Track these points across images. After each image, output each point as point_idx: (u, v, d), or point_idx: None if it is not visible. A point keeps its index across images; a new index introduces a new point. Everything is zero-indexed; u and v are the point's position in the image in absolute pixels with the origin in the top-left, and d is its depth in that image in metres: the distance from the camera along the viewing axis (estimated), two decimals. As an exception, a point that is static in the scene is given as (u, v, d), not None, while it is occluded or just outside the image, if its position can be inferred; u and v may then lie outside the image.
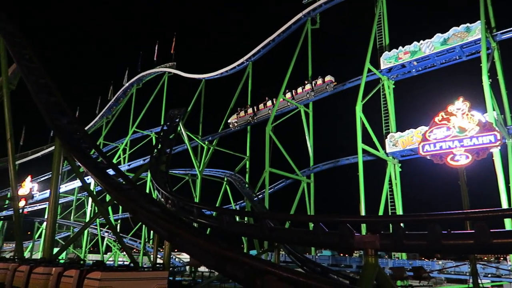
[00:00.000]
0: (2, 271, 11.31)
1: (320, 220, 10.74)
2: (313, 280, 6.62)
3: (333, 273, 16.83)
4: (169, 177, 23.48)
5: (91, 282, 8.19)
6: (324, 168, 31.68)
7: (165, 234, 10.33)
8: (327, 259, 27.71)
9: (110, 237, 44.09)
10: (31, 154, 51.76)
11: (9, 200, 34.37)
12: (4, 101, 20.84)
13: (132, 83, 47.36)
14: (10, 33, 22.12)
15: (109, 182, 13.61)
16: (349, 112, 24.63)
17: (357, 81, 27.54)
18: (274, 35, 33.12)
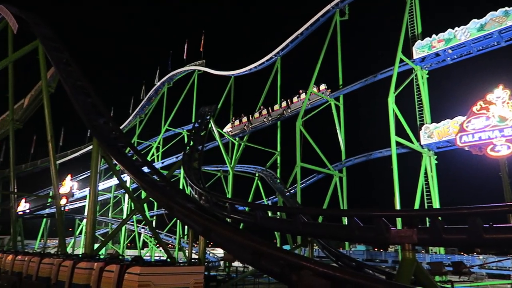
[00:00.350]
0: (48, 266, 11.83)
1: (354, 214, 10.63)
2: (349, 275, 6.56)
3: (368, 268, 16.60)
4: (201, 173, 23.89)
5: (131, 276, 8.42)
6: (357, 161, 31.20)
7: (200, 230, 10.52)
8: (361, 253, 27.38)
9: (146, 233, 45.34)
10: (70, 154, 53.87)
11: (52, 198, 35.93)
12: (44, 104, 21.81)
13: (163, 82, 48.29)
14: (48, 38, 23.08)
15: (145, 180, 13.98)
16: (381, 104, 24.10)
17: (388, 72, 26.88)
18: (302, 28, 32.79)
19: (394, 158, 22.48)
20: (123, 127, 51.28)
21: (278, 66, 35.48)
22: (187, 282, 8.96)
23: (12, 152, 26.03)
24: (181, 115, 45.17)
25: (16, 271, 13.52)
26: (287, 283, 7.96)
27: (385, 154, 28.68)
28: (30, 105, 29.04)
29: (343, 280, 6.50)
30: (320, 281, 6.91)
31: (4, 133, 33.67)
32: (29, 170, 54.70)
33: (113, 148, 15.91)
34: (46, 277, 11.58)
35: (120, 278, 8.72)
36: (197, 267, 9.55)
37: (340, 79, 31.69)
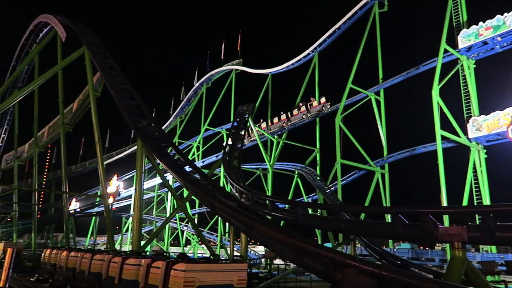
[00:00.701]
0: (99, 262, 12.38)
1: (399, 211, 10.35)
2: (396, 273, 6.40)
3: (414, 267, 16.12)
4: (241, 172, 24.12)
5: (177, 273, 8.64)
6: (399, 157, 30.29)
7: (243, 227, 10.64)
8: (406, 252, 26.60)
9: (189, 231, 46.41)
10: (116, 154, 56.04)
11: (100, 197, 37.61)
12: (91, 108, 22.85)
13: (202, 83, 49.13)
14: (93, 44, 24.16)
15: (187, 179, 14.32)
16: (425, 97, 23.25)
17: (432, 63, 25.88)
18: (340, 22, 32.17)
19: (439, 152, 21.65)
20: (164, 127, 52.67)
21: (316, 62, 35.05)
22: (230, 279, 9.10)
23: (63, 154, 27.44)
24: (220, 114, 45.81)
25: (70, 266, 14.25)
26: (331, 282, 7.88)
27: (429, 149, 27.67)
28: (78, 109, 30.48)
29: (390, 279, 6.35)
30: (365, 280, 6.79)
31: (55, 136, 35.57)
32: (79, 171, 57.50)
33: (156, 148, 16.42)
34: (98, 272, 12.12)
35: (166, 274, 8.98)
36: (240, 264, 9.67)
37: (380, 73, 30.86)
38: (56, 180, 56.32)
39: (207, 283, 8.65)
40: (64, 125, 28.93)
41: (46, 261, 17.01)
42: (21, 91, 26.25)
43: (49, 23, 32.41)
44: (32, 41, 39.49)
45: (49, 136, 37.17)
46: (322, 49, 34.83)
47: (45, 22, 34.27)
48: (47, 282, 15.65)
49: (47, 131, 38.01)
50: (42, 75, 24.88)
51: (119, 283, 10.73)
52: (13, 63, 44.33)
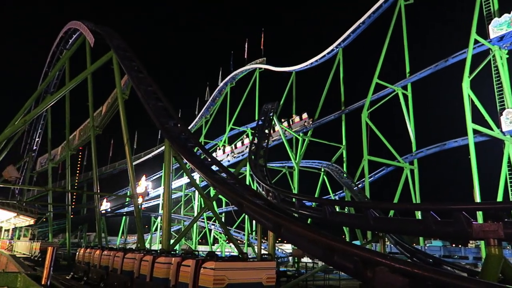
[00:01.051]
0: (131, 261, 12.66)
1: (431, 208, 10.09)
2: (430, 271, 6.24)
3: (447, 265, 15.69)
4: (267, 170, 24.13)
5: (207, 271, 8.73)
6: (429, 152, 29.53)
7: (271, 226, 10.65)
8: (438, 250, 25.95)
9: (216, 230, 46.85)
10: (144, 155, 57.20)
11: (130, 197, 38.49)
12: (120, 110, 23.40)
13: (226, 82, 49.43)
14: (120, 48, 24.74)
15: (214, 178, 14.45)
16: (455, 90, 22.55)
17: (461, 55, 25.07)
18: (364, 17, 31.60)
19: (471, 147, 20.96)
20: (190, 128, 53.21)
21: (340, 58, 34.60)
22: (259, 277, 9.10)
23: (94, 156, 28.26)
24: (244, 113, 45.96)
25: (103, 265, 14.66)
26: (361, 280, 7.78)
27: (461, 143, 26.86)
28: (107, 112, 31.32)
29: (423, 277, 6.20)
30: (397, 278, 6.66)
31: (86, 139, 36.71)
32: (109, 172, 59.03)
33: (184, 148, 16.64)
34: (130, 270, 12.41)
35: (196, 273, 9.08)
36: (269, 263, 9.67)
37: (407, 66, 30.13)
38: (87, 181, 58.03)
39: (237, 281, 8.69)
40: (95, 127, 29.76)
41: (80, 260, 17.56)
42: (53, 96, 27.16)
43: (78, 29, 33.43)
44: (62, 47, 40.88)
45: (81, 139, 38.38)
46: (346, 45, 34.35)
47: (74, 28, 35.38)
48: (82, 280, 16.15)
49: (78, 134, 39.26)
50: (73, 80, 25.65)
51: (150, 281, 10.95)
52: (45, 69, 46.02)
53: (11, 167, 27.55)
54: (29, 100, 29.38)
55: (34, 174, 53.70)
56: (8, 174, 26.35)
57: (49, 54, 45.21)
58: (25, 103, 29.36)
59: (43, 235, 51.65)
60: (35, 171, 53.81)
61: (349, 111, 32.89)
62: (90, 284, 15.14)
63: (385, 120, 34.04)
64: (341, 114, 33.68)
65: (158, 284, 10.41)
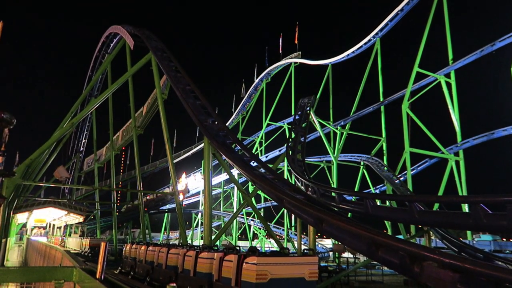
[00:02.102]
0: (175, 256, 12.99)
1: (481, 200, 9.62)
2: (482, 266, 5.95)
3: (499, 259, 14.94)
4: (305, 165, 23.95)
5: (249, 266, 8.78)
6: (476, 142, 28.21)
7: (312, 221, 10.57)
8: (488, 244, 24.81)
9: (255, 225, 47.17)
10: (183, 153, 58.48)
11: (172, 195, 39.52)
12: (160, 110, 24.03)
13: (261, 78, 49.48)
14: (158, 49, 25.37)
15: (254, 174, 14.52)
16: (503, 75, 21.34)
17: (509, 38, 23.68)
18: (403, 3, 30.46)
19: (523, 135, 19.80)
20: (227, 125, 53.77)
21: (378, 48, 33.63)
22: (301, 272, 9.05)
23: (136, 156, 29.22)
24: (281, 108, 45.82)
25: (149, 260, 15.14)
26: (408, 275, 7.56)
27: (510, 132, 25.44)
28: (148, 112, 32.23)
29: (475, 272, 5.92)
30: (447, 273, 6.41)
31: (129, 139, 38.00)
32: (150, 170, 60.87)
33: (223, 145, 16.82)
34: (174, 265, 12.73)
35: (239, 267, 9.16)
36: (311, 257, 9.59)
37: (450, 53, 28.83)
38: (131, 180, 60.15)
39: (279, 276, 8.69)
40: (136, 128, 30.73)
41: (127, 255, 18.21)
42: (97, 99, 28.29)
43: (118, 33, 34.59)
44: (104, 51, 42.49)
45: (123, 139, 39.76)
46: (384, 34, 33.32)
47: (114, 32, 36.64)
48: (129, 274, 16.77)
49: (121, 135, 40.71)
50: (115, 82, 26.58)
51: (194, 275, 11.18)
52: (89, 73, 48.05)
53: (62, 168, 29.05)
54: (75, 104, 30.83)
55: (81, 174, 56.35)
56: (59, 174, 27.82)
57: (92, 59, 47.25)
58: (71, 107, 30.87)
59: (92, 232, 54.19)
60: (82, 171, 56.45)
61: (388, 102, 31.99)
62: (137, 278, 15.70)
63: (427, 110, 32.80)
64: (380, 105, 32.81)
65: (202, 278, 10.62)
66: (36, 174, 36.73)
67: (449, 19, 29.06)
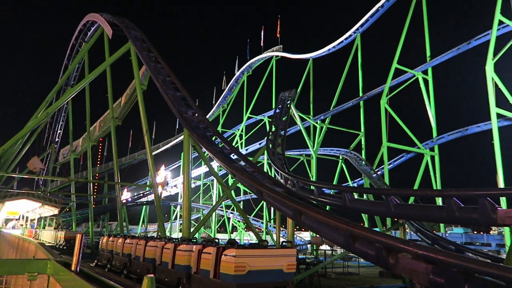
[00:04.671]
0: (153, 248, 12.89)
1: (454, 194, 9.91)
2: (454, 258, 6.15)
3: (470, 251, 15.48)
4: (285, 158, 24.08)
5: (228, 258, 8.80)
6: (450, 138, 28.98)
7: (291, 213, 10.66)
8: (459, 237, 25.68)
9: (235, 218, 47.27)
10: (162, 145, 57.84)
11: (150, 187, 39.10)
12: (138, 101, 23.65)
13: (242, 71, 49.30)
14: (138, 39, 24.88)
15: (234, 166, 14.50)
16: (478, 73, 21.94)
17: (485, 37, 24.31)
18: (383, 0, 30.89)
19: (495, 131, 20.46)
20: (207, 117, 53.41)
21: (358, 43, 34.00)
22: (280, 264, 9.14)
23: (114, 147, 28.70)
24: (261, 102, 45.93)
25: (126, 252, 14.98)
26: (384, 266, 7.74)
27: (483, 129, 26.25)
28: (126, 103, 31.61)
29: (447, 263, 6.12)
30: (420, 265, 6.60)
31: (106, 130, 37.26)
32: (129, 162, 60.00)
33: (203, 137, 16.72)
34: (152, 258, 12.65)
35: (217, 260, 9.17)
36: (289, 250, 9.68)
37: (428, 50, 29.42)
38: (108, 172, 59.19)
39: (257, 268, 8.74)
40: (114, 118, 30.15)
41: (103, 248, 17.97)
42: (74, 88, 27.58)
43: (96, 22, 33.72)
44: (81, 40, 41.37)
45: (101, 130, 38.99)
46: (364, 30, 33.69)
47: (92, 21, 35.70)
48: (106, 267, 16.56)
49: (99, 125, 39.90)
50: (92, 72, 25.95)
51: (172, 268, 11.15)
52: (65, 62, 46.76)
53: (35, 159, 28.23)
54: (51, 93, 29.96)
55: (57, 165, 55.05)
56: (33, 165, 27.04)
57: (69, 47, 45.91)
58: (46, 96, 29.98)
59: (67, 224, 53.14)
60: (58, 163, 55.15)
61: (367, 97, 32.45)
62: (114, 271, 15.52)
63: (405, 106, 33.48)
64: (359, 100, 33.26)
65: (180, 270, 10.59)
66: (9, 165, 35.71)
67: (427, 17, 29.62)
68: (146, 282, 1.85)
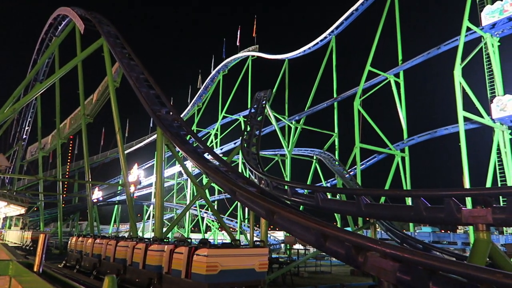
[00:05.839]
0: (124, 249, 12.66)
1: (421, 194, 10.21)
2: (419, 256, 6.33)
3: (437, 250, 15.96)
4: (260, 158, 24.16)
5: (200, 258, 8.76)
6: (420, 140, 29.84)
7: (263, 213, 10.70)
8: (427, 236, 26.44)
9: (209, 218, 47.04)
10: (136, 144, 56.89)
11: (122, 186, 38.35)
12: (111, 98, 23.12)
13: (218, 70, 49.12)
14: (111, 34, 24.34)
15: (207, 166, 14.41)
16: (447, 77, 22.69)
17: (454, 42, 25.15)
18: (358, 3, 31.47)
19: (462, 134, 21.20)
20: (182, 116, 52.77)
21: (333, 45, 34.52)
22: (252, 264, 9.16)
23: (85, 145, 27.93)
24: (237, 101, 45.88)
25: (96, 253, 14.65)
26: (353, 265, 7.89)
27: (451, 131, 27.15)
28: (98, 100, 30.86)
29: (413, 261, 6.30)
30: (388, 263, 6.76)
31: (77, 128, 36.25)
32: (100, 161, 58.70)
33: (176, 136, 16.54)
34: (123, 258, 12.42)
35: (189, 260, 9.11)
36: (261, 249, 9.72)
37: (400, 54, 30.21)
38: (79, 170, 57.74)
39: (229, 267, 8.74)
40: (85, 116, 29.39)
41: (72, 248, 17.50)
42: (43, 84, 26.63)
43: (67, 16, 32.77)
44: (51, 34, 40.10)
45: (71, 127, 37.94)
46: (339, 32, 34.22)
47: (63, 14, 34.66)
48: (74, 268, 16.13)
49: (69, 123, 38.80)
50: (63, 67, 25.16)
51: (143, 268, 10.99)
52: (34, 56, 45.22)
53: (1, 156, 27.19)
54: (18, 88, 28.85)
55: (24, 163, 53.17)
56: (-2, 163, 26.03)
57: (38, 41, 44.39)
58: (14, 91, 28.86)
59: (34, 224, 51.44)
60: (25, 160, 53.27)
61: (341, 99, 32.98)
62: (83, 272, 15.14)
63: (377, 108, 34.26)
64: (333, 102, 33.76)
65: (151, 271, 10.45)
66: (-27, 162, 34.14)
67: (400, 22, 30.43)
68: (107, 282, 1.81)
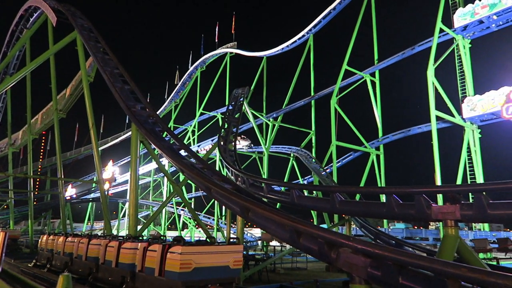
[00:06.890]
0: (96, 247, 12.42)
1: (393, 191, 10.42)
2: (389, 251, 6.47)
3: (409, 246, 16.36)
4: (237, 155, 24.13)
5: (173, 255, 8.68)
6: (394, 138, 30.48)
7: (238, 210, 10.69)
8: (401, 232, 27.05)
9: (186, 215, 46.70)
10: (111, 140, 55.82)
11: (96, 183, 37.56)
12: (84, 93, 22.57)
13: (196, 67, 48.71)
14: (85, 28, 23.72)
15: (183, 163, 14.27)
16: (420, 77, 23.25)
17: (427, 43, 25.75)
18: (335, 3, 31.79)
19: (434, 133, 21.79)
20: (159, 112, 52.30)
21: (311, 44, 34.77)
22: (226, 261, 9.14)
23: (57, 141, 27.18)
24: (215, 98, 45.67)
25: (68, 251, 14.32)
26: (326, 261, 7.98)
27: (424, 130, 27.85)
28: (71, 95, 30.05)
29: (383, 257, 6.43)
30: (359, 259, 6.87)
31: (49, 123, 35.23)
32: (74, 157, 57.30)
33: (151, 133, 16.31)
34: (95, 257, 12.19)
35: (163, 257, 9.02)
36: (236, 246, 9.71)
37: (376, 53, 30.72)
38: (51, 167, 56.20)
39: (203, 264, 8.69)
40: (58, 111, 28.60)
41: (43, 247, 17.06)
42: (13, 77, 25.74)
43: (39, 7, 31.73)
44: (22, 26, 38.70)
45: (43, 123, 36.83)
46: (317, 31, 34.50)
47: (35, 6, 33.52)
48: (45, 267, 15.73)
49: (41, 118, 37.65)
50: (34, 60, 24.36)
51: (116, 266, 10.81)
52: (4, 49, 43.59)
53: (-32, 152, 26.15)
54: (-14, 82, 27.84)
55: (-7, 159, 51.32)
56: (-35, 159, 25.01)
57: (8, 33, 42.81)
58: (-19, 84, 27.80)
59: (4, 222, 49.80)
60: (-6, 156, 51.42)
61: (318, 97, 33.29)
62: (54, 271, 14.76)
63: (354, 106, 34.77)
64: (310, 100, 34.02)
65: (124, 269, 10.29)
66: None
67: (376, 22, 30.90)
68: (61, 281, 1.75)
